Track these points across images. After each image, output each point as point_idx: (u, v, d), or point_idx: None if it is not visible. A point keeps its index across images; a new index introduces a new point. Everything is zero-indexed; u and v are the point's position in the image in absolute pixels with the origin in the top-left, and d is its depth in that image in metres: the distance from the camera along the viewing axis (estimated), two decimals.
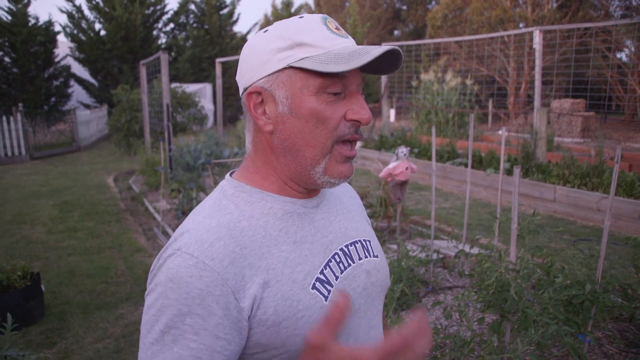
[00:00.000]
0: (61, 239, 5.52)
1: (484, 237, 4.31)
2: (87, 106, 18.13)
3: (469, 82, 11.89)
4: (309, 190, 0.88)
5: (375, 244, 1.00)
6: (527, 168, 7.17)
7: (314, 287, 0.81)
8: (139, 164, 9.50)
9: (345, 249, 0.91)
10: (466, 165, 7.90)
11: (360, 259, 0.92)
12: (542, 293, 2.54)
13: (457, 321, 3.02)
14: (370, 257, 0.95)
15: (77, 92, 19.07)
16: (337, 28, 0.82)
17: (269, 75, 0.79)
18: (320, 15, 0.82)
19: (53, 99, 17.47)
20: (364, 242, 0.96)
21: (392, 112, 11.72)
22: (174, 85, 12.70)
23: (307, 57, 0.77)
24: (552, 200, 6.31)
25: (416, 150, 9.13)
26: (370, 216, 5.27)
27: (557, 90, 14.72)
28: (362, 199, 5.25)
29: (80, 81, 18.50)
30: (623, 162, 7.53)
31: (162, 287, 0.73)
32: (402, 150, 3.43)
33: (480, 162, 7.91)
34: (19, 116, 11.50)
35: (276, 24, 0.82)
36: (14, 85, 16.14)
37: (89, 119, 14.70)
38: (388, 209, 4.98)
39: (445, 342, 2.87)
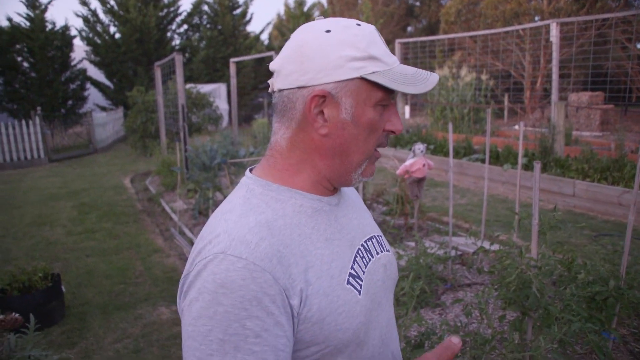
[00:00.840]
0: (80, 240, 5.59)
1: (503, 233, 4.25)
2: (103, 108, 18.33)
3: (484, 77, 11.76)
4: (333, 188, 0.91)
5: (384, 238, 1.04)
6: (545, 163, 7.06)
7: (348, 282, 0.84)
8: (155, 164, 9.58)
9: (365, 245, 0.94)
10: (483, 161, 7.82)
11: (377, 253, 0.96)
12: (563, 289, 2.49)
13: (478, 319, 2.98)
14: (384, 251, 1.00)
15: (93, 95, 19.30)
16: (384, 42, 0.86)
17: (340, 81, 0.80)
18: (373, 27, 0.85)
19: (70, 102, 17.70)
20: (377, 238, 1.00)
21: (407, 108, 11.65)
22: (188, 86, 12.78)
23: (377, 72, 0.80)
24: (571, 195, 6.20)
25: (432, 146, 9.06)
26: (387, 213, 5.24)
27: (575, 83, 14.49)
28: (378, 196, 5.23)
29: (96, 84, 18.73)
30: None
31: (211, 294, 0.71)
32: (419, 146, 3.39)
33: (497, 158, 7.82)
34: (37, 120, 11.67)
35: (339, 25, 0.83)
36: (32, 89, 16.40)
37: (105, 121, 14.86)
38: (405, 206, 4.94)
39: (466, 340, 2.83)
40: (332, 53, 0.80)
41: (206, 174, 6.62)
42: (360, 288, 0.85)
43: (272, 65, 0.86)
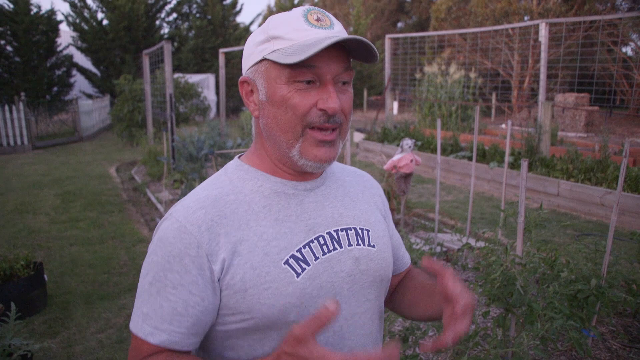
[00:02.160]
0: (63, 229, 5.52)
1: (488, 230, 4.29)
2: (89, 96, 18.10)
3: (472, 75, 11.82)
4: (301, 172, 0.92)
5: (376, 234, 1.00)
6: (531, 162, 7.14)
7: (286, 262, 0.86)
8: (141, 154, 9.48)
9: (334, 234, 0.93)
10: (469, 158, 7.87)
11: (350, 245, 0.94)
12: (547, 287, 2.53)
13: None
14: (364, 245, 0.96)
15: (80, 82, 19.04)
16: (317, 19, 0.85)
17: (252, 66, 0.88)
18: (306, 7, 0.86)
19: (55, 89, 17.45)
20: (359, 230, 0.97)
21: (395, 104, 11.67)
22: (176, 75, 12.66)
23: (276, 50, 0.83)
24: (555, 194, 6.28)
25: (419, 143, 9.10)
26: None
27: (562, 84, 14.64)
28: None
29: (83, 71, 18.47)
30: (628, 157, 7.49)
31: (154, 245, 0.86)
32: (407, 142, 3.41)
33: (483, 156, 7.88)
34: (21, 105, 11.47)
35: (273, 17, 0.88)
36: (16, 74, 16.11)
37: (91, 109, 14.67)
38: (392, 202, 4.96)
39: None
40: (250, 43, 0.89)
41: (193, 164, 6.58)
42: (302, 271, 0.86)
43: None
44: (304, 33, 0.82)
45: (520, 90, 17.31)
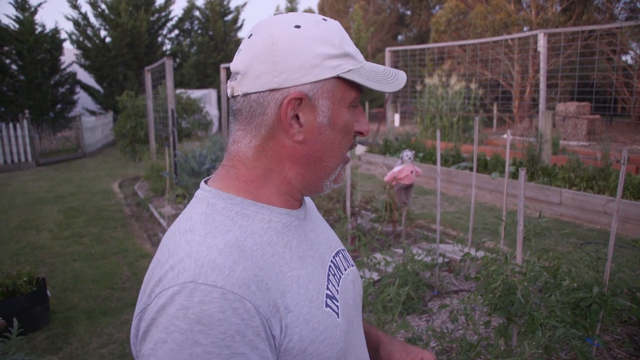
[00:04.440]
0: (66, 245, 5.53)
1: (490, 240, 4.28)
2: (92, 113, 18.23)
3: (473, 86, 11.87)
4: (298, 199, 0.83)
5: (347, 252, 0.98)
6: (532, 171, 7.14)
7: (326, 304, 0.76)
8: (144, 169, 9.52)
9: (335, 260, 0.88)
10: (471, 169, 7.88)
11: (345, 269, 0.90)
12: (549, 296, 2.52)
13: (464, 325, 3.00)
14: (350, 266, 0.93)
15: (83, 99, 19.20)
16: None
17: (316, 82, 0.73)
18: (338, 22, 0.79)
19: (59, 106, 17.59)
20: (342, 252, 0.94)
21: (397, 116, 11.72)
22: (178, 91, 12.76)
23: (352, 70, 0.75)
24: (558, 203, 6.27)
25: (421, 154, 9.11)
26: (375, 220, 5.26)
27: (562, 93, 14.68)
28: (366, 203, 5.25)
29: (86, 88, 18.63)
30: (629, 164, 7.49)
31: (184, 333, 0.60)
32: (407, 153, 3.42)
33: (485, 166, 7.89)
34: (25, 123, 11.57)
35: (308, 20, 0.75)
36: (20, 92, 16.26)
37: (94, 126, 14.77)
38: (393, 213, 4.96)
39: (452, 346, 2.85)
40: (308, 51, 0.72)
41: (195, 179, 6.60)
42: (338, 310, 0.78)
43: (236, 66, 0.76)
44: (362, 56, 0.79)
45: (521, 100, 17.35)
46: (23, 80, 16.29)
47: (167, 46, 20.66)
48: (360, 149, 10.66)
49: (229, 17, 21.65)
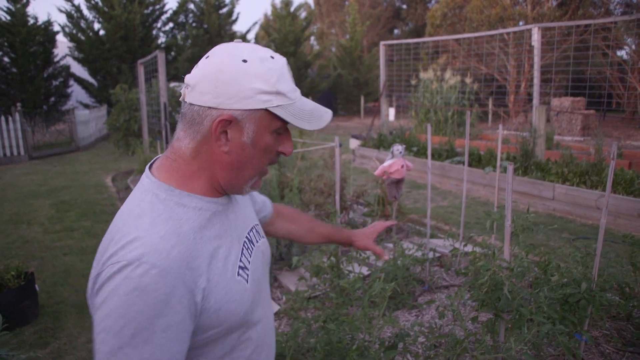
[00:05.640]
0: (57, 239, 5.50)
1: (482, 235, 4.28)
2: (86, 106, 18.11)
3: (468, 80, 11.85)
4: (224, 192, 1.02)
5: (259, 225, 1.20)
6: (525, 166, 7.14)
7: (238, 274, 0.97)
8: (137, 163, 9.46)
9: (249, 235, 1.08)
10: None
11: (257, 241, 1.11)
12: (538, 292, 2.51)
13: (452, 320, 2.99)
14: (261, 238, 1.15)
15: (77, 92, 19.05)
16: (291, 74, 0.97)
17: (247, 110, 0.89)
18: (285, 60, 0.95)
19: (52, 99, 17.46)
20: (256, 227, 1.15)
21: (392, 111, 11.68)
22: (173, 84, 12.67)
23: (281, 106, 0.91)
24: (551, 198, 6.28)
25: (415, 148, 9.10)
26: (368, 215, 5.24)
27: (557, 88, 14.68)
28: (358, 197, 5.23)
29: (80, 81, 18.48)
30: (623, 160, 7.50)
31: (124, 295, 0.79)
32: (398, 147, 3.40)
33: (479, 161, 7.88)
34: (17, 116, 11.48)
35: (255, 56, 0.91)
36: (13, 85, 16.13)
37: (87, 119, 14.68)
38: (386, 208, 4.95)
39: (441, 341, 2.84)
40: (245, 84, 0.88)
41: None
42: (248, 277, 0.99)
43: (188, 79, 0.93)
44: (296, 93, 0.95)
45: (516, 95, 17.35)
46: (15, 73, 16.16)
47: (162, 39, 20.51)
48: (354, 143, 10.64)
49: (224, 10, 21.52)
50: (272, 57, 0.93)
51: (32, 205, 7.10)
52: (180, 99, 0.97)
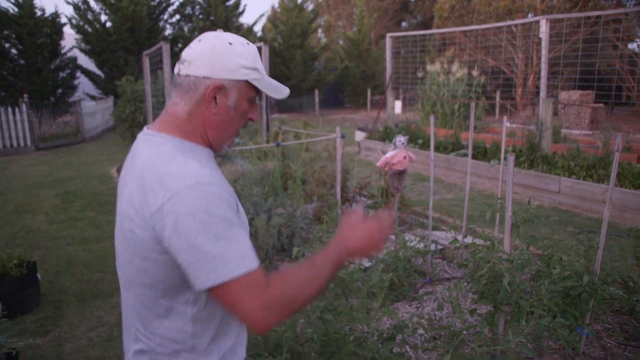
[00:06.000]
0: (61, 229, 5.52)
1: (486, 228, 4.24)
2: (93, 98, 18.14)
3: (475, 73, 11.74)
4: None
5: None
6: (532, 159, 7.07)
7: (239, 210, 1.16)
8: None
9: None
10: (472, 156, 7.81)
11: None
12: (539, 285, 2.48)
13: (451, 313, 2.97)
14: None
15: (84, 84, 19.10)
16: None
17: (233, 80, 1.14)
18: (255, 46, 1.26)
19: (59, 91, 17.51)
20: None
21: (398, 103, 11.60)
22: None
23: (257, 79, 1.17)
24: (557, 191, 6.22)
25: (420, 141, 9.05)
26: (372, 207, 5.22)
27: (566, 81, 14.52)
28: (362, 189, 5.21)
29: (87, 73, 18.53)
30: (631, 154, 7.41)
31: (204, 206, 1.00)
32: (400, 139, 3.37)
33: (485, 154, 7.82)
34: (24, 107, 11.52)
35: (237, 41, 1.16)
36: (20, 76, 16.19)
37: (94, 110, 14.71)
38: (389, 200, 4.92)
39: (440, 333, 2.82)
40: (232, 60, 1.13)
41: None
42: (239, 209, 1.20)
43: (188, 56, 1.14)
44: (265, 72, 1.21)
45: (524, 88, 17.19)
46: (23, 65, 16.21)
47: (168, 31, 20.49)
48: (359, 135, 10.59)
49: (231, 2, 21.44)
50: (248, 44, 1.18)
51: (37, 196, 7.13)
52: (175, 72, 1.17)
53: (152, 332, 1.12)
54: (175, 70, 1.17)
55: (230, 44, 1.14)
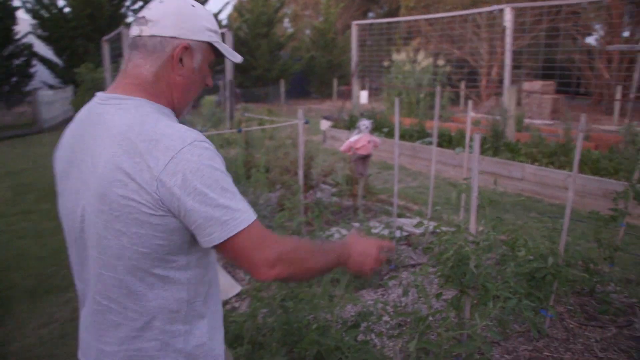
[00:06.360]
0: (13, 222, 5.25)
1: (451, 215, 4.23)
2: (51, 87, 17.45)
3: (440, 62, 11.80)
4: None
5: None
6: (496, 147, 7.14)
7: None
8: None
9: None
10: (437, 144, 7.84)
11: None
12: (505, 268, 2.46)
13: (417, 298, 2.93)
14: None
15: (41, 72, 18.31)
16: None
17: (199, 41, 1.14)
18: (220, 32, 1.23)
19: (14, 79, 16.75)
20: None
21: (365, 93, 11.57)
22: None
23: (217, 42, 1.18)
24: (520, 178, 6.29)
25: (385, 129, 9.03)
26: (336, 195, 5.15)
27: (529, 72, 14.78)
28: (325, 176, 5.12)
29: (44, 61, 17.77)
30: (589, 142, 7.57)
31: (212, 160, 1.03)
32: (364, 122, 3.30)
33: (449, 142, 7.86)
34: None
35: (197, 4, 1.16)
36: None
37: (52, 100, 14.14)
38: (354, 187, 4.86)
39: (406, 320, 2.78)
40: (198, 21, 1.14)
41: None
42: None
43: (152, 16, 1.10)
44: (220, 35, 1.22)
45: (489, 78, 17.44)
46: None
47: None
48: (325, 124, 10.52)
49: None
50: (206, 9, 1.19)
51: None
52: (136, 34, 1.11)
53: (145, 306, 1.06)
54: (136, 32, 1.11)
55: (193, 6, 1.14)
